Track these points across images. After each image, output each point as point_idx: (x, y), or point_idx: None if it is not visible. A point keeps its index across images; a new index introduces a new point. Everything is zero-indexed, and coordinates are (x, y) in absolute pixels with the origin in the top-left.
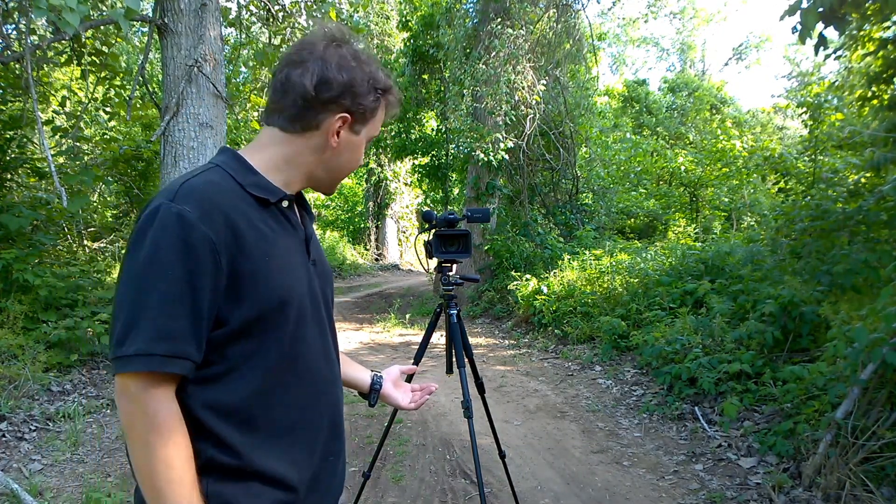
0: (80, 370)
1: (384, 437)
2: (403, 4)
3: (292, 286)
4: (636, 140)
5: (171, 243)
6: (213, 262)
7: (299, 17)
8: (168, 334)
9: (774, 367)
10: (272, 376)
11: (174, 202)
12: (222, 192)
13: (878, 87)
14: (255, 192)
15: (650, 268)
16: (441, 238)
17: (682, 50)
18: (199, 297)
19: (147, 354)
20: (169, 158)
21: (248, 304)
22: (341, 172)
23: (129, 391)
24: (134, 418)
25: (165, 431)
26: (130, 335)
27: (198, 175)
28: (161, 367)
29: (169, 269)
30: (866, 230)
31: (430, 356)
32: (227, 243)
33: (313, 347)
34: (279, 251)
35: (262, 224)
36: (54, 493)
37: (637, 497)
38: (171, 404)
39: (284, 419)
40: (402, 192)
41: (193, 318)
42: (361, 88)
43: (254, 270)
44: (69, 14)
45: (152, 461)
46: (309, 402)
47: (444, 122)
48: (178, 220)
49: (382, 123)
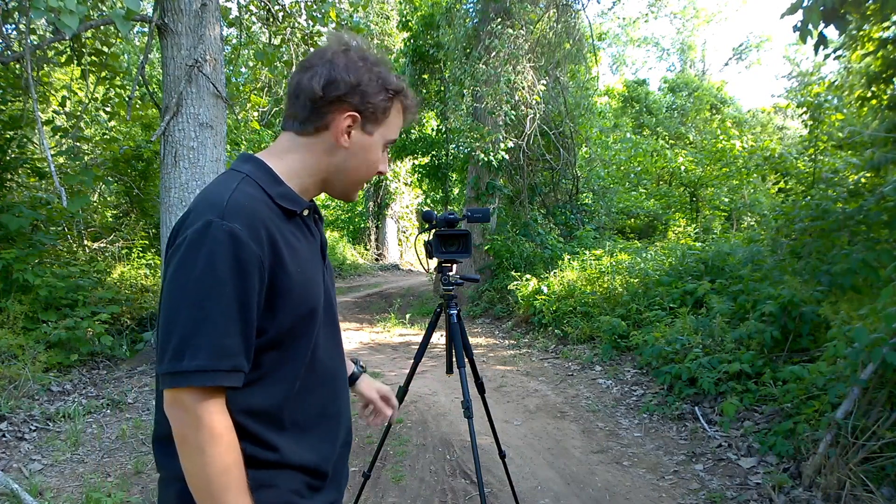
0: (80, 370)
1: (384, 437)
2: (403, 4)
3: (318, 295)
4: (636, 140)
5: (226, 261)
6: (259, 279)
7: (299, 17)
8: (227, 351)
9: (774, 367)
10: (299, 380)
11: (224, 219)
12: (263, 207)
13: (877, 87)
14: (283, 203)
15: (650, 268)
16: (441, 238)
17: (682, 50)
18: (250, 314)
19: (211, 371)
20: (169, 158)
21: (283, 315)
22: (356, 175)
23: (184, 403)
24: (189, 429)
25: (222, 441)
26: (189, 351)
27: (237, 188)
28: (222, 381)
29: (225, 287)
30: (866, 230)
31: (430, 356)
32: (270, 259)
33: (328, 348)
34: (305, 262)
35: (291, 236)
36: (54, 493)
37: (637, 497)
38: (225, 415)
39: (310, 417)
40: (402, 192)
41: (245, 333)
42: (370, 87)
43: (289, 284)
44: (67, 16)
45: (209, 469)
46: (329, 399)
47: (444, 122)
48: (231, 239)
49: (402, 128)
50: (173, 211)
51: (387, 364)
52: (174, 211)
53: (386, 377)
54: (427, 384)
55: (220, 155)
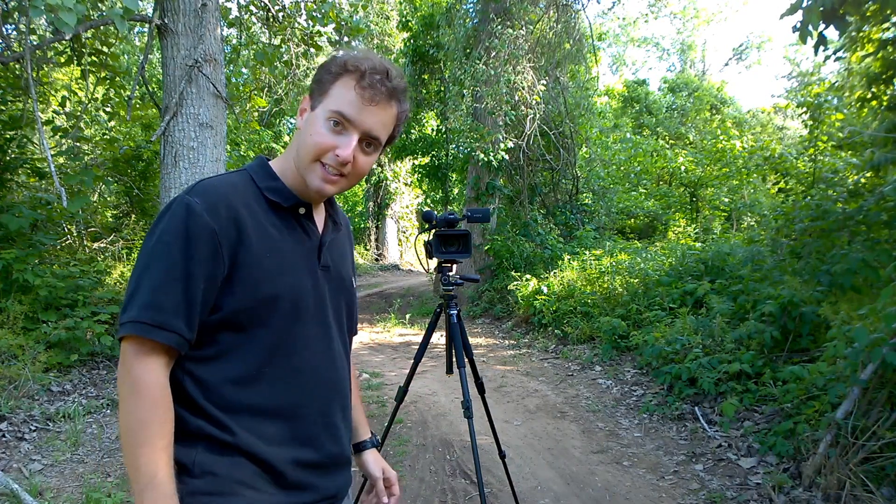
0: (80, 370)
1: (384, 437)
2: (403, 4)
3: (288, 284)
4: (636, 140)
5: (175, 228)
6: (211, 250)
7: (299, 17)
8: (157, 306)
9: (774, 367)
10: (259, 366)
11: (188, 195)
12: (236, 191)
13: (877, 88)
14: (270, 195)
15: (650, 268)
16: (441, 238)
17: (682, 50)
18: (193, 280)
19: (140, 322)
20: (169, 158)
21: (241, 293)
22: (304, 149)
23: (124, 356)
24: (121, 380)
25: (146, 395)
26: (129, 304)
27: (222, 175)
28: (146, 333)
29: (169, 249)
30: (866, 230)
31: (430, 356)
32: (229, 235)
33: (312, 346)
34: (282, 251)
35: (269, 224)
36: (54, 493)
37: (637, 497)
38: (156, 374)
39: (270, 409)
40: (402, 192)
41: (185, 297)
42: (320, 72)
43: (250, 263)
44: (66, 14)
45: (128, 419)
46: (298, 395)
47: (444, 122)
48: (185, 210)
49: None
50: None
51: (387, 364)
52: None
53: (386, 377)
54: (427, 384)
55: (220, 155)
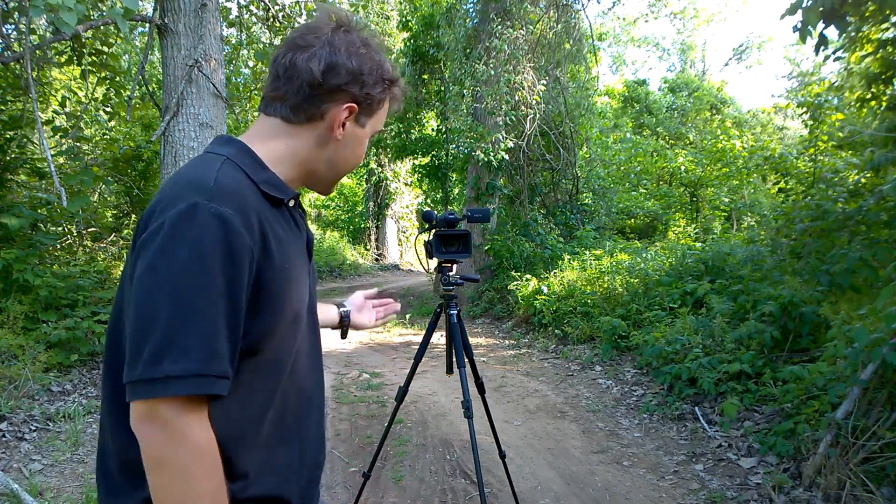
0: (80, 370)
1: (384, 437)
2: (403, 4)
3: (304, 297)
4: (636, 140)
5: (216, 249)
6: (249, 274)
7: (299, 18)
8: (218, 353)
9: (774, 367)
10: (278, 392)
11: (213, 202)
12: (249, 191)
13: (877, 88)
14: (268, 190)
15: (650, 268)
16: (441, 238)
17: (682, 50)
18: (239, 314)
19: (202, 375)
20: (169, 158)
21: (265, 316)
22: (344, 169)
23: (161, 416)
24: (170, 448)
25: (209, 461)
26: (172, 353)
27: (220, 169)
28: (213, 388)
29: (215, 280)
30: (866, 230)
31: (431, 356)
32: (258, 249)
33: (307, 356)
34: (292, 259)
35: (278, 227)
36: (54, 493)
37: (637, 497)
38: (209, 431)
39: (282, 432)
40: (402, 192)
41: (233, 335)
42: (370, 77)
43: (274, 280)
44: (66, 14)
45: (195, 495)
46: (302, 411)
47: (444, 122)
48: (223, 224)
49: (386, 119)
50: None
51: (387, 364)
52: None
53: (386, 377)
54: (427, 384)
55: None
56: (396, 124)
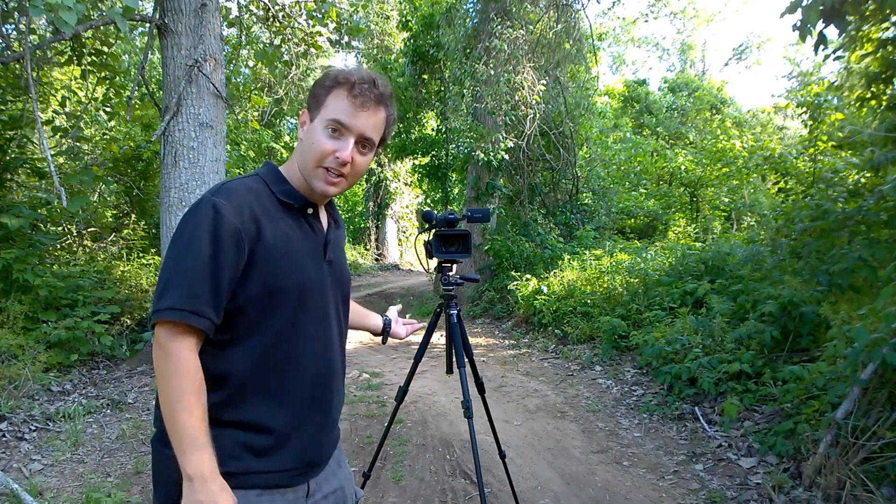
0: (80, 370)
1: (384, 437)
2: (403, 4)
3: (297, 276)
4: (636, 140)
5: (205, 226)
6: (236, 246)
7: (299, 17)
8: (193, 295)
9: (774, 367)
10: (268, 350)
11: (214, 196)
12: (255, 193)
13: (877, 88)
14: (283, 197)
15: (650, 268)
16: (441, 238)
17: (682, 50)
18: (221, 272)
19: (177, 309)
20: (169, 158)
21: (255, 283)
22: (307, 156)
23: (160, 338)
24: (159, 358)
25: (183, 370)
26: (167, 293)
27: (239, 179)
28: (185, 318)
29: (201, 247)
30: (866, 230)
31: (431, 356)
32: (250, 233)
33: (311, 331)
34: (293, 247)
35: (283, 223)
36: (54, 493)
37: (637, 497)
38: (190, 352)
39: (272, 384)
40: (402, 192)
41: (214, 287)
42: (315, 87)
43: (267, 258)
44: (66, 14)
45: (170, 391)
46: (297, 374)
47: (444, 122)
48: (213, 210)
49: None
50: (173, 211)
51: (387, 364)
52: (174, 211)
53: (386, 377)
54: (427, 384)
55: (220, 155)
56: (396, 124)
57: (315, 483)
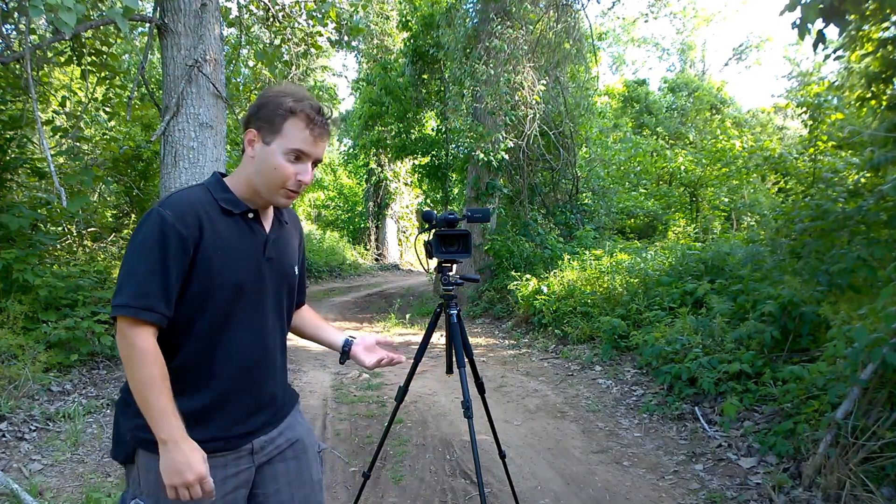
0: (80, 370)
1: (384, 437)
2: (403, 4)
3: (232, 274)
4: (636, 140)
5: (153, 234)
6: (181, 249)
7: (299, 17)
8: (144, 293)
9: (774, 367)
10: (204, 339)
11: (161, 207)
12: (199, 202)
13: (877, 87)
14: (223, 204)
15: (650, 268)
16: (441, 238)
17: (682, 50)
18: (168, 272)
19: (129, 306)
20: (169, 158)
21: (197, 280)
22: (267, 179)
23: (121, 330)
24: (123, 349)
25: (145, 356)
26: (121, 292)
27: (186, 190)
28: (137, 315)
29: (149, 251)
30: (866, 230)
31: (430, 356)
32: (194, 237)
33: (246, 322)
34: (231, 248)
35: (222, 227)
36: (54, 493)
37: (637, 497)
38: (150, 341)
39: (203, 368)
40: (402, 192)
41: (163, 285)
42: (264, 111)
43: (206, 258)
44: (66, 14)
45: (138, 375)
46: (227, 359)
47: (444, 122)
48: (160, 219)
49: (312, 141)
50: None
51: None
52: None
53: (386, 377)
54: (427, 384)
55: (220, 155)
56: (396, 124)
57: (263, 441)
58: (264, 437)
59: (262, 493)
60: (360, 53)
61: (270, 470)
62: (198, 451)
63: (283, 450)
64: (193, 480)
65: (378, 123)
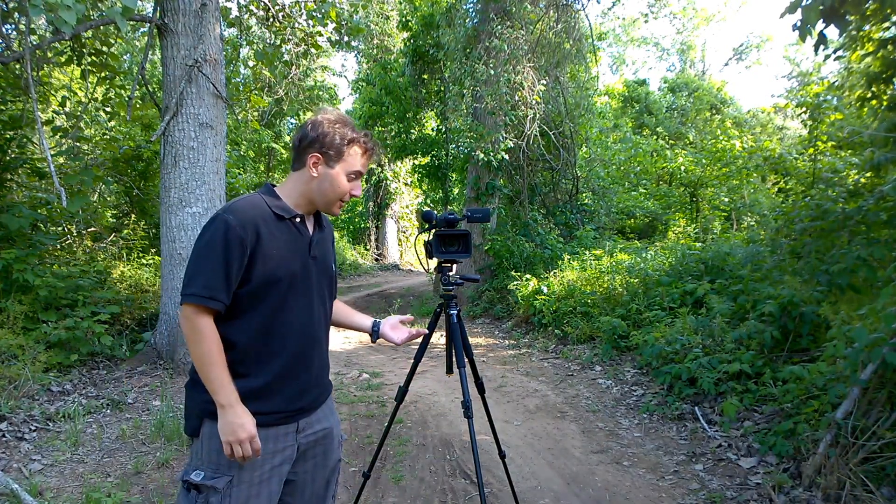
0: (80, 370)
1: (384, 437)
2: (403, 4)
3: (285, 269)
4: (636, 140)
5: (218, 237)
6: (241, 250)
7: (299, 17)
8: (210, 286)
9: (774, 367)
10: (264, 322)
11: (225, 213)
12: (255, 209)
13: (877, 88)
14: (276, 210)
15: (650, 268)
16: (441, 238)
17: (682, 50)
18: (230, 268)
19: (198, 295)
20: (169, 158)
21: (255, 275)
22: (329, 195)
23: (188, 314)
24: (189, 330)
25: (207, 337)
26: (191, 283)
27: (244, 198)
28: (203, 302)
29: (215, 251)
30: (866, 230)
31: (430, 356)
32: (251, 240)
33: (296, 309)
34: (282, 247)
35: (276, 230)
36: (54, 493)
37: (637, 497)
38: (211, 325)
39: (264, 348)
40: (402, 192)
41: (225, 279)
42: (327, 139)
43: (262, 257)
44: (66, 13)
45: (199, 351)
46: (285, 339)
47: (444, 122)
48: (224, 224)
49: (366, 164)
50: (173, 211)
51: (387, 364)
52: (174, 211)
53: (386, 377)
54: (427, 384)
55: (220, 155)
56: (396, 124)
57: (305, 422)
58: (306, 420)
59: (293, 472)
60: (360, 53)
61: (307, 454)
62: (249, 416)
63: (319, 437)
64: (245, 438)
65: (378, 123)
